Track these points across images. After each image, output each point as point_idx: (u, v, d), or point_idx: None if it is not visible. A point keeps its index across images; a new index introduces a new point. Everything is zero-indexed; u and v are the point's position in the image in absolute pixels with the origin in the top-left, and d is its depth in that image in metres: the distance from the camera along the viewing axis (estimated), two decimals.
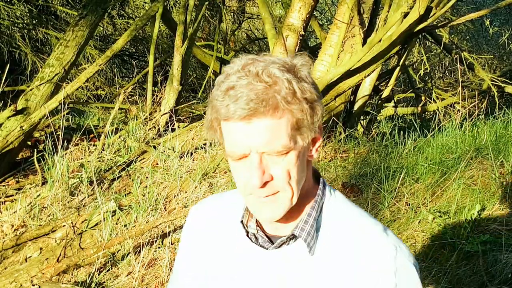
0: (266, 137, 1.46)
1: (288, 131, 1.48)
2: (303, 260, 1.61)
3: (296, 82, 1.48)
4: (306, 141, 1.54)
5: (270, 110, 1.45)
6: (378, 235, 1.60)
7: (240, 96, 1.44)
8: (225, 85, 1.48)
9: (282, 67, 1.50)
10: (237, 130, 1.48)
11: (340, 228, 1.63)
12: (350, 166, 5.30)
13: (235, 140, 1.49)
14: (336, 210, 1.67)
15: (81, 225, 4.55)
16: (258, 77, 1.46)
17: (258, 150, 1.49)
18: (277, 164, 1.51)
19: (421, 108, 8.18)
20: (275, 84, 1.46)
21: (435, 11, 4.68)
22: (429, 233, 4.27)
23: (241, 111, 1.44)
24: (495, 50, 11.99)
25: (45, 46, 10.96)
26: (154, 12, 6.62)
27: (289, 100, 1.46)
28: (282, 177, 1.52)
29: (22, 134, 5.73)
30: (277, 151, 1.48)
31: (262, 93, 1.44)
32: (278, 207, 1.56)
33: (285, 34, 5.83)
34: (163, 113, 6.30)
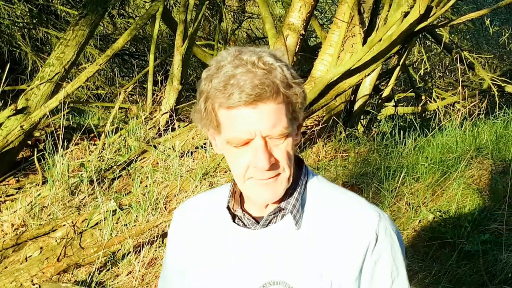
0: (271, 121, 1.52)
1: (288, 114, 1.55)
2: (290, 236, 1.66)
3: (287, 69, 1.56)
4: (297, 124, 1.62)
5: (274, 95, 1.51)
6: (361, 205, 1.68)
7: (243, 83, 1.48)
8: (223, 75, 1.52)
9: (271, 55, 1.56)
10: (242, 116, 1.52)
11: (324, 202, 1.69)
12: (351, 165, 5.30)
13: (241, 125, 1.53)
14: (319, 187, 1.73)
15: (82, 224, 4.55)
16: (255, 65, 1.51)
17: (263, 134, 1.53)
18: (278, 147, 1.57)
19: (422, 108, 8.19)
20: (272, 70, 1.52)
21: (435, 10, 4.67)
22: (430, 232, 4.26)
23: (247, 97, 1.48)
24: (496, 50, 11.99)
25: (46, 46, 10.96)
26: (155, 11, 6.63)
27: (286, 85, 1.53)
28: (283, 159, 1.58)
29: (23, 134, 5.73)
30: (280, 133, 1.54)
31: (265, 78, 1.50)
32: (278, 188, 1.61)
33: (286, 33, 5.83)
34: (163, 112, 6.30)
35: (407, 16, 4.69)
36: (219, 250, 1.74)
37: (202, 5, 6.68)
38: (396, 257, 1.64)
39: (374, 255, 1.61)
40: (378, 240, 1.61)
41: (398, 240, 1.66)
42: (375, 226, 1.62)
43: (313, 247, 1.63)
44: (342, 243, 1.61)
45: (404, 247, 1.70)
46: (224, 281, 1.71)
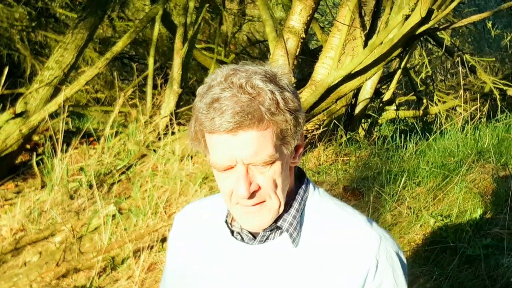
0: (252, 149, 1.49)
1: (273, 141, 1.51)
2: (287, 254, 1.64)
3: (279, 92, 1.51)
4: (290, 149, 1.57)
5: (256, 122, 1.47)
6: (361, 225, 1.65)
7: (225, 109, 1.46)
8: (209, 97, 1.49)
9: (264, 77, 1.52)
10: (222, 142, 1.49)
11: (323, 221, 1.66)
12: (351, 169, 5.28)
13: (221, 152, 1.51)
14: (319, 204, 1.70)
15: (81, 229, 4.53)
16: (242, 89, 1.48)
17: (245, 161, 1.51)
18: (263, 174, 1.53)
19: (423, 111, 8.17)
20: (259, 95, 1.48)
21: (436, 13, 4.66)
22: (431, 236, 4.25)
23: (227, 124, 1.45)
24: (497, 53, 11.99)
25: (45, 49, 10.95)
26: (154, 15, 6.61)
27: (273, 111, 1.49)
28: (268, 187, 1.55)
29: (21, 138, 5.71)
30: (263, 161, 1.51)
31: (247, 105, 1.46)
32: (265, 216, 1.59)
33: (286, 36, 5.81)
34: (163, 116, 6.28)
35: (408, 19, 4.68)
36: (216, 262, 1.73)
37: (202, 8, 6.66)
38: (398, 281, 1.62)
39: (376, 281, 1.58)
40: (379, 265, 1.58)
41: (400, 261, 1.64)
42: (375, 250, 1.59)
43: (310, 267, 1.61)
44: (341, 266, 1.59)
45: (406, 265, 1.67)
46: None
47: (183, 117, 7.38)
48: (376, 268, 1.57)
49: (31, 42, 10.72)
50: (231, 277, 1.68)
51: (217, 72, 1.55)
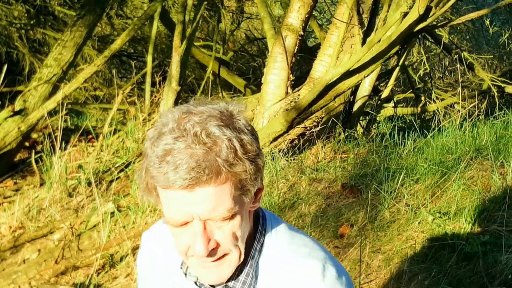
0: (210, 205, 1.39)
1: (232, 193, 1.41)
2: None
3: (237, 139, 1.41)
4: (250, 197, 1.48)
5: (213, 177, 1.37)
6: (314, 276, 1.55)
7: (179, 163, 1.34)
8: (161, 149, 1.37)
9: (220, 121, 1.41)
10: (178, 198, 1.39)
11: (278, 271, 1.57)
12: (350, 166, 5.28)
13: (176, 208, 1.41)
14: (274, 252, 1.60)
15: (80, 226, 4.54)
16: (197, 138, 1.37)
17: (202, 217, 1.41)
18: (222, 229, 1.45)
19: (421, 109, 8.18)
20: (215, 145, 1.38)
21: (434, 10, 4.66)
22: (429, 234, 4.25)
23: (182, 181, 1.35)
24: (495, 50, 11.99)
25: (43, 47, 10.94)
26: (153, 12, 6.61)
27: (231, 162, 1.39)
28: (228, 241, 1.46)
29: (20, 135, 5.72)
30: (222, 217, 1.42)
31: (204, 159, 1.35)
32: (224, 271, 1.51)
33: (284, 34, 5.82)
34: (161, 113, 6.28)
35: (406, 17, 4.69)
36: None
37: (200, 6, 6.67)
38: None
39: None
40: None
41: None
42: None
43: None
44: None
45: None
46: None
47: None
48: None
49: (29, 40, 10.72)
50: None
51: (167, 116, 1.43)
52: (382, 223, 4.36)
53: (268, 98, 5.77)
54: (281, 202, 4.65)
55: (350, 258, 4.04)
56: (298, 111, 5.13)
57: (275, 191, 4.80)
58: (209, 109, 1.44)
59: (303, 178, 5.04)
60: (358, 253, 4.01)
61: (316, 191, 4.81)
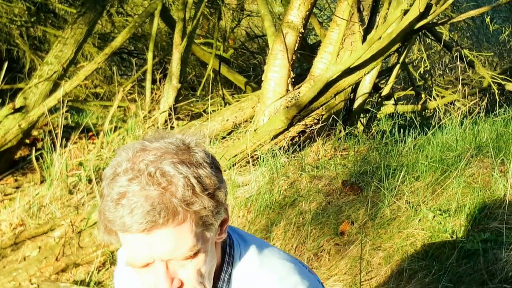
0: (170, 246, 1.36)
1: (194, 231, 1.38)
2: None
3: (194, 175, 1.37)
4: (214, 230, 1.46)
5: (170, 219, 1.33)
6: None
7: (134, 207, 1.31)
8: (116, 192, 1.34)
9: (175, 157, 1.37)
10: (136, 241, 1.36)
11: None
12: (350, 164, 5.29)
13: (136, 250, 1.38)
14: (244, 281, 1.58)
15: (80, 223, 4.54)
16: (151, 179, 1.33)
17: (163, 259, 1.38)
18: (186, 267, 1.42)
19: (421, 106, 8.17)
20: (171, 184, 1.34)
21: (435, 8, 4.66)
22: (429, 231, 4.25)
23: (138, 225, 1.32)
24: (496, 48, 11.99)
25: (44, 44, 10.94)
26: (153, 10, 6.61)
27: (188, 201, 1.35)
28: (192, 279, 1.43)
29: (21, 132, 5.72)
30: (184, 256, 1.39)
31: (159, 201, 1.32)
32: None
33: (285, 31, 5.81)
34: (162, 111, 6.29)
35: (406, 14, 4.69)
36: None
37: (201, 3, 6.66)
38: None
39: None
40: None
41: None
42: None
43: None
44: None
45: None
46: None
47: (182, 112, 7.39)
48: None
49: (30, 37, 10.72)
50: None
51: (121, 155, 1.40)
52: (382, 220, 4.36)
53: (268, 96, 5.77)
54: (282, 200, 4.65)
55: (350, 255, 4.04)
56: (298, 108, 5.14)
57: (275, 188, 4.80)
58: (164, 145, 1.40)
59: (303, 176, 5.04)
60: (359, 250, 4.02)
61: (317, 189, 4.81)
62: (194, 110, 7.63)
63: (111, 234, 1.42)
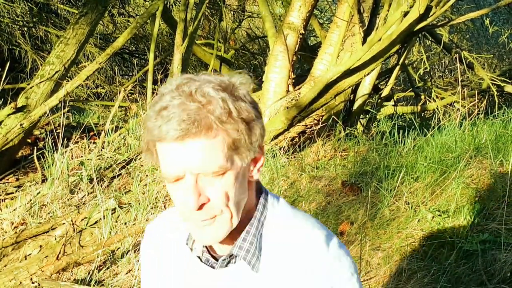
0: (201, 158, 1.43)
1: (224, 151, 1.44)
2: (248, 278, 1.60)
3: (232, 102, 1.45)
4: (245, 161, 1.50)
5: (203, 130, 1.41)
6: (319, 244, 1.59)
7: (172, 116, 1.40)
8: (158, 106, 1.44)
9: (217, 86, 1.46)
10: (171, 151, 1.44)
11: (283, 242, 1.60)
12: (350, 164, 5.30)
13: (170, 161, 1.45)
14: (278, 224, 1.63)
15: (81, 223, 4.56)
16: (192, 97, 1.43)
17: (193, 171, 1.44)
18: (214, 186, 1.47)
19: (421, 107, 8.19)
20: (209, 104, 1.43)
21: (435, 10, 4.68)
22: (428, 232, 4.27)
23: (173, 132, 1.40)
24: (495, 49, 12.00)
25: (45, 44, 10.96)
26: (155, 10, 6.62)
27: (223, 120, 1.43)
28: (219, 199, 1.48)
29: (22, 132, 5.73)
30: (213, 171, 1.44)
31: (195, 113, 1.41)
32: (217, 231, 1.52)
33: (285, 32, 5.83)
34: None
35: (406, 16, 4.71)
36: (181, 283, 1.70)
37: (202, 4, 6.68)
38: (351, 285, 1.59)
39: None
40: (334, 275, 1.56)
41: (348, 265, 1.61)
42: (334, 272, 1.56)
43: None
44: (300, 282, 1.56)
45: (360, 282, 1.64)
46: None
47: None
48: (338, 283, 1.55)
49: (32, 37, 10.74)
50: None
51: (170, 81, 1.50)
52: (382, 221, 4.38)
53: (269, 96, 5.79)
54: None
55: None
56: (298, 109, 5.16)
57: (275, 188, 4.82)
58: (210, 78, 1.50)
59: (303, 176, 5.06)
60: (358, 250, 4.03)
61: (317, 189, 4.83)
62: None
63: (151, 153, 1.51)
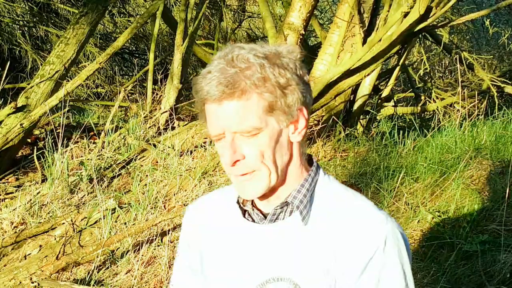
0: (235, 118, 1.56)
1: (259, 113, 1.56)
2: (297, 232, 1.67)
3: (270, 67, 1.56)
4: (282, 124, 1.61)
5: (237, 93, 1.54)
6: (369, 207, 1.68)
7: (213, 79, 1.54)
8: (206, 69, 1.58)
9: (260, 53, 1.58)
10: (212, 111, 1.59)
11: (333, 202, 1.69)
12: (350, 165, 5.30)
13: (211, 120, 1.60)
14: (329, 187, 1.73)
15: (81, 222, 4.55)
16: (232, 63, 1.55)
17: (230, 130, 1.58)
18: (249, 144, 1.59)
19: (421, 108, 8.18)
20: (248, 69, 1.55)
21: (435, 11, 4.68)
22: (428, 232, 4.27)
23: (212, 92, 1.54)
24: (495, 50, 11.99)
25: (46, 44, 10.96)
26: (155, 10, 6.62)
27: (258, 84, 1.54)
28: (254, 156, 1.60)
29: (22, 132, 5.73)
30: (247, 131, 1.57)
31: (231, 77, 1.53)
32: (256, 185, 1.63)
33: (286, 33, 5.83)
34: (163, 111, 6.30)
35: (407, 17, 4.70)
36: (228, 245, 1.77)
37: (203, 4, 6.68)
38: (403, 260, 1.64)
39: (381, 259, 1.60)
40: (386, 244, 1.60)
41: (404, 242, 1.66)
42: (383, 230, 1.62)
43: (320, 244, 1.64)
44: (351, 241, 1.61)
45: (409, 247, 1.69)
46: (229, 275, 1.74)
47: (183, 112, 7.40)
48: (383, 247, 1.60)
49: (32, 37, 10.73)
50: (242, 258, 1.73)
51: (224, 48, 1.62)
52: None
53: None
54: None
55: None
56: None
57: None
58: (257, 46, 1.62)
59: None
60: None
61: None
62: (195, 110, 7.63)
63: (202, 112, 1.65)
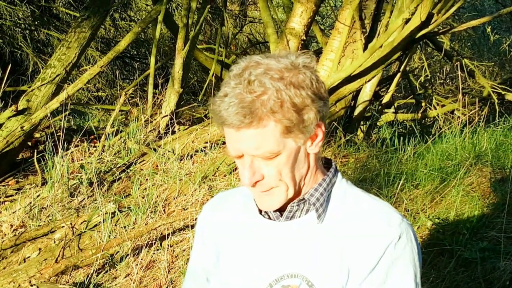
0: (253, 145, 1.58)
1: (276, 137, 1.58)
2: (312, 230, 1.71)
3: (286, 89, 1.56)
4: (300, 142, 1.63)
5: (254, 122, 1.55)
6: (385, 207, 1.71)
7: (231, 105, 1.54)
8: (223, 91, 1.59)
9: (276, 73, 1.57)
10: (230, 134, 1.61)
11: (349, 202, 1.73)
12: (350, 171, 5.30)
13: (229, 142, 1.62)
14: (345, 188, 1.78)
15: (80, 226, 4.55)
16: (249, 87, 1.55)
17: (248, 154, 1.61)
18: (268, 165, 1.62)
19: (421, 114, 8.18)
20: (264, 94, 1.55)
21: (436, 17, 4.69)
22: (428, 239, 4.27)
23: (230, 120, 1.55)
24: (496, 57, 12.00)
25: (47, 47, 10.97)
26: (156, 15, 6.63)
27: (275, 110, 1.55)
28: (272, 177, 1.63)
29: (23, 135, 5.74)
30: (265, 156, 1.60)
31: (249, 105, 1.54)
32: (274, 200, 1.68)
33: (287, 38, 5.83)
34: (163, 115, 6.30)
35: (408, 23, 4.71)
36: (244, 241, 1.81)
37: (204, 9, 6.68)
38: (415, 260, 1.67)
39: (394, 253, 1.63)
40: (400, 240, 1.64)
41: (416, 243, 1.69)
42: (397, 229, 1.65)
43: (334, 241, 1.67)
44: (365, 239, 1.65)
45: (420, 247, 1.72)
46: (244, 271, 1.78)
47: (183, 116, 7.40)
48: (396, 243, 1.63)
49: (33, 40, 10.75)
50: (256, 254, 1.77)
51: (240, 63, 1.63)
52: None
53: None
54: None
55: None
56: None
57: None
58: (274, 62, 1.60)
59: None
60: None
61: None
62: (195, 114, 7.64)
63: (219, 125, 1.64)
